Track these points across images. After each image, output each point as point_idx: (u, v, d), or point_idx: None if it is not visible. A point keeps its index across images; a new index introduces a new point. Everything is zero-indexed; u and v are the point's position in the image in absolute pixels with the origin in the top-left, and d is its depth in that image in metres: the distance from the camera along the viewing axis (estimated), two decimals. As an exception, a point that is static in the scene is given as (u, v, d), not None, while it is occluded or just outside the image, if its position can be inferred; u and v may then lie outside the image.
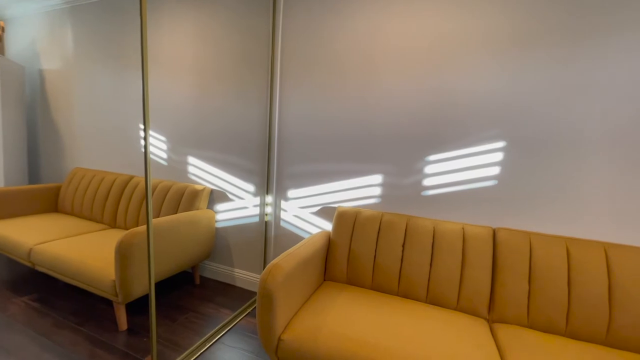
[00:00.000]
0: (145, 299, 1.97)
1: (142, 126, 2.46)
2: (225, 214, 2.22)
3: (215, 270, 2.29)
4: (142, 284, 1.63)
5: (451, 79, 1.58)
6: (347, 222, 1.69)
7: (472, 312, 1.42)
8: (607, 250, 1.30)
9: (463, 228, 1.52)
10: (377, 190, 1.79)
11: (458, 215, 1.62)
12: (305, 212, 1.99)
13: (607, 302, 1.24)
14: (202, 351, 1.54)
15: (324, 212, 1.93)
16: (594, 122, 1.37)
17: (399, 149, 1.71)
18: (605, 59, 1.33)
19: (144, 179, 2.35)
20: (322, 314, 1.30)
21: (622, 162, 1.34)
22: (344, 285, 1.60)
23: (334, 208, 1.90)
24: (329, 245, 1.71)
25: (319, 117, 1.88)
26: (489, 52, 1.50)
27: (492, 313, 1.40)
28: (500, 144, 1.53)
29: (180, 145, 2.31)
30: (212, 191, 2.25)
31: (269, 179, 2.05)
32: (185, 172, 2.32)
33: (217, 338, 1.65)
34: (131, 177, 2.41)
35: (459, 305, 1.44)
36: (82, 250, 1.81)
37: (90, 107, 2.73)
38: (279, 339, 1.20)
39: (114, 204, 2.37)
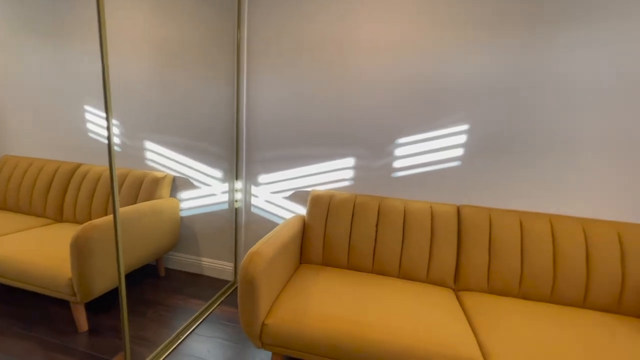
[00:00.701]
0: (104, 297, 1.83)
1: (88, 107, 2.20)
2: (191, 202, 2.11)
3: (182, 260, 2.18)
4: (104, 281, 1.51)
5: (419, 64, 1.63)
6: (322, 205, 1.71)
7: (440, 284, 1.55)
8: (552, 221, 1.48)
9: (431, 207, 1.62)
10: (350, 173, 1.82)
11: (426, 195, 1.72)
12: (277, 197, 1.96)
13: (552, 267, 1.43)
14: (176, 344, 1.49)
15: (297, 196, 1.92)
16: (549, 108, 1.52)
17: (371, 133, 1.75)
18: (564, 49, 1.47)
19: (94, 167, 2.12)
20: (303, 296, 1.31)
21: (567, 145, 1.52)
22: (320, 267, 1.63)
23: (307, 192, 1.90)
24: (304, 229, 1.72)
25: (290, 100, 1.84)
26: (456, 39, 1.57)
27: (458, 283, 1.54)
28: (464, 127, 1.63)
29: (136, 130, 2.11)
30: (174, 178, 2.11)
31: (237, 164, 1.98)
32: (143, 158, 2.14)
33: (191, 329, 1.60)
34: (78, 165, 2.17)
35: (429, 278, 1.55)
36: (27, 248, 1.61)
37: (23, 87, 2.36)
38: (263, 324, 1.20)
39: (58, 195, 2.12)
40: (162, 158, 2.10)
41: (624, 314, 1.37)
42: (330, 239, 1.66)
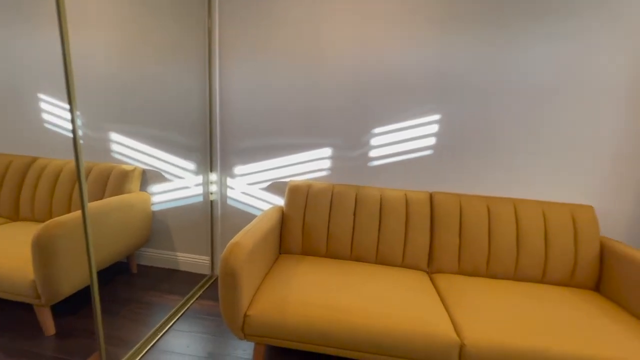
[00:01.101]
0: (72, 298, 1.73)
1: (42, 96, 2.03)
2: (163, 196, 2.03)
3: (155, 256, 2.11)
4: (71, 281, 1.43)
5: (391, 56, 1.66)
6: (300, 195, 1.71)
7: (415, 267, 1.62)
8: (515, 205, 1.59)
9: (405, 194, 1.68)
10: (327, 163, 1.83)
11: (401, 183, 1.78)
12: (254, 189, 1.94)
13: (515, 247, 1.54)
14: (154, 341, 1.45)
15: (274, 187, 1.91)
16: (512, 100, 1.61)
17: (346, 123, 1.77)
18: (525, 45, 1.55)
19: (54, 161, 1.97)
20: (283, 285, 1.33)
21: (529, 134, 1.63)
22: (300, 257, 1.65)
23: (285, 183, 1.89)
24: (283, 219, 1.72)
25: (265, 90, 1.80)
26: (426, 33, 1.61)
27: (431, 266, 1.62)
28: (436, 117, 1.69)
29: (99, 120, 1.98)
30: (144, 171, 2.01)
31: (212, 156, 1.92)
32: (108, 151, 2.02)
33: (169, 326, 1.57)
34: (34, 159, 2.00)
35: (404, 263, 1.62)
36: (-21, 250, 1.48)
37: (-43, 71, 2.12)
38: (245, 316, 1.20)
39: (12, 192, 1.95)
40: (130, 150, 2.00)
41: (575, 286, 1.52)
42: (309, 228, 1.68)
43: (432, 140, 1.72)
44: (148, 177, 2.02)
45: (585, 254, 1.50)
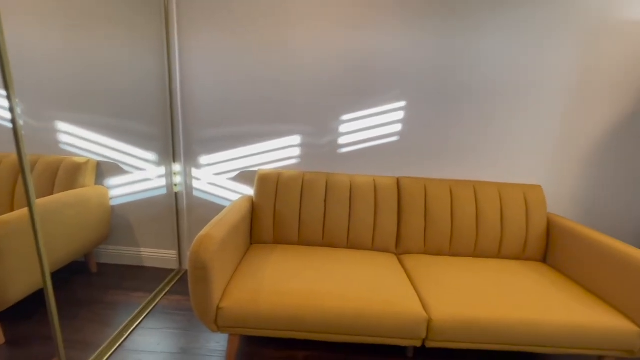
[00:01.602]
0: (23, 303, 1.59)
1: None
2: (122, 189, 1.90)
3: (117, 253, 1.99)
4: (19, 286, 1.31)
5: (360, 43, 1.66)
6: (270, 184, 1.69)
7: (384, 250, 1.68)
8: (475, 187, 1.69)
9: (374, 180, 1.72)
10: (297, 151, 1.82)
11: (370, 169, 1.82)
12: (221, 179, 1.88)
13: (475, 226, 1.65)
14: (120, 342, 1.39)
15: (243, 177, 1.87)
16: (472, 88, 1.69)
17: (314, 110, 1.75)
18: (485, 33, 1.62)
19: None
20: (256, 275, 1.32)
21: (489, 120, 1.72)
22: (272, 246, 1.64)
23: (254, 172, 1.85)
24: (253, 209, 1.69)
25: (229, 75, 1.73)
26: (396, 19, 1.62)
27: (399, 247, 1.69)
28: (401, 104, 1.73)
29: (42, 108, 1.79)
30: (99, 164, 1.87)
31: (174, 145, 1.83)
32: (55, 142, 1.84)
33: (136, 324, 1.50)
34: (-35, 153, 1.77)
35: (374, 246, 1.68)
36: None
37: None
38: (218, 308, 1.18)
39: (-60, 190, 1.72)
40: (81, 141, 1.83)
41: (526, 259, 1.66)
42: (281, 217, 1.67)
43: (398, 127, 1.76)
44: (104, 169, 1.87)
45: (534, 230, 1.64)
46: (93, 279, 1.84)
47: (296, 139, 1.80)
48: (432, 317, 1.18)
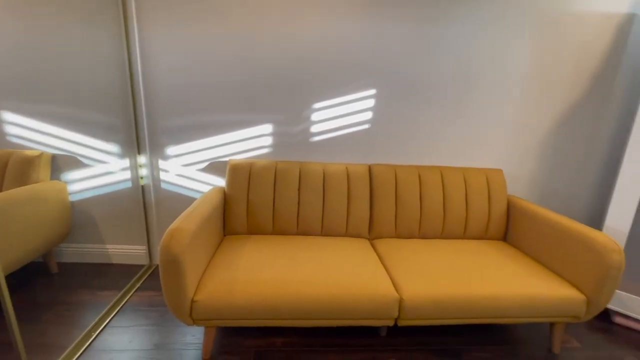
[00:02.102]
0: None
1: None
2: (83, 184, 1.79)
3: (80, 251, 1.89)
4: (-28, 290, 1.21)
5: (329, 32, 1.64)
6: (242, 174, 1.66)
7: (358, 235, 1.72)
8: (442, 172, 1.77)
9: (347, 168, 1.74)
10: (269, 140, 1.79)
11: (342, 157, 1.84)
12: (190, 170, 1.82)
13: (442, 209, 1.73)
14: (89, 342, 1.33)
15: (213, 167, 1.82)
16: (439, 76, 1.73)
17: (286, 98, 1.73)
18: (453, 22, 1.66)
19: None
20: (230, 266, 1.31)
21: (455, 107, 1.79)
22: (246, 236, 1.63)
23: (225, 162, 1.81)
24: (225, 200, 1.66)
25: (196, 62, 1.66)
26: (365, 9, 1.62)
27: (372, 232, 1.74)
28: (372, 92, 1.75)
29: (-17, 97, 1.62)
30: (54, 157, 1.74)
31: (138, 136, 1.74)
32: (1, 134, 1.68)
33: (105, 323, 1.45)
34: None
35: (347, 232, 1.71)
36: None
37: None
38: (192, 301, 1.16)
39: None
40: (32, 133, 1.69)
41: (489, 238, 1.78)
42: (254, 207, 1.65)
43: (369, 115, 1.78)
44: (60, 163, 1.75)
45: (496, 211, 1.75)
46: (54, 279, 1.74)
47: (268, 128, 1.77)
48: (404, 297, 1.23)
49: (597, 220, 2.00)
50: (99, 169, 1.77)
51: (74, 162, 1.75)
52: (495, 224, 1.76)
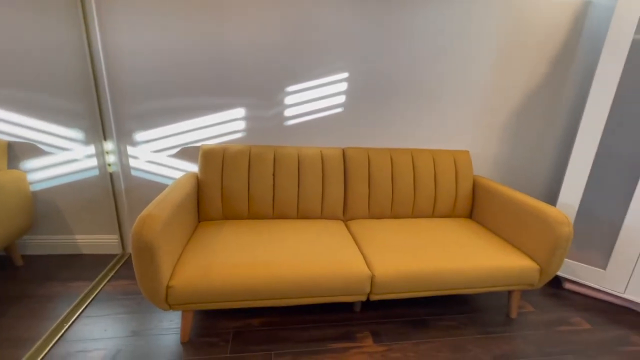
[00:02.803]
0: None
1: None
2: (45, 172, 1.70)
3: (47, 243, 1.82)
4: None
5: (301, 14, 1.62)
6: (215, 160, 1.65)
7: (333, 217, 1.77)
8: (412, 154, 1.83)
9: (321, 151, 1.76)
10: (242, 125, 1.77)
11: (317, 141, 1.85)
12: (161, 157, 1.78)
13: (413, 190, 1.80)
14: (61, 333, 1.31)
15: (186, 153, 1.78)
16: (406, 59, 1.76)
17: (259, 81, 1.71)
18: (415, 10, 1.68)
19: None
20: (206, 251, 1.32)
21: (424, 91, 1.83)
22: (221, 222, 1.63)
23: (197, 148, 1.78)
24: (199, 186, 1.64)
25: (163, 43, 1.59)
26: (332, -15, 1.60)
27: (346, 214, 1.79)
28: (344, 75, 1.76)
29: None
30: (9, 144, 1.64)
31: (103, 122, 1.66)
32: (-52, 120, 1.56)
33: (77, 314, 1.42)
34: None
35: (323, 214, 1.75)
36: None
37: None
38: (168, 287, 1.17)
39: None
40: (-18, 119, 1.58)
41: (456, 216, 1.88)
42: (229, 192, 1.65)
43: (342, 98, 1.80)
44: (18, 151, 1.65)
45: (462, 190, 1.85)
46: (20, 272, 1.67)
47: (240, 112, 1.75)
48: (375, 273, 1.30)
49: (554, 196, 2.16)
50: (62, 156, 1.69)
51: (33, 149, 1.66)
52: (461, 203, 1.86)
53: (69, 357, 1.21)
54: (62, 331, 1.32)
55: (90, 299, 1.52)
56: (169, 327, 1.37)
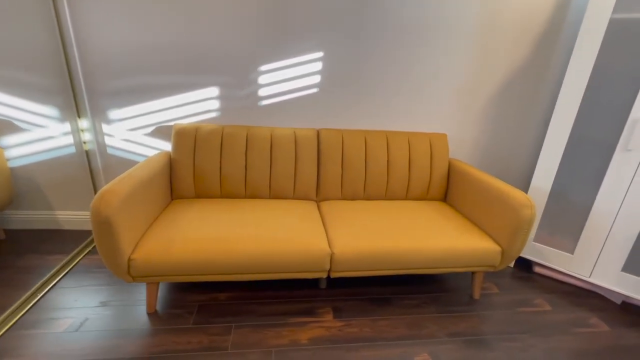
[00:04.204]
0: None
1: None
2: (22, 149, 1.73)
3: (28, 218, 1.87)
4: None
5: (273, -16, 1.58)
6: (188, 138, 1.66)
7: (305, 198, 1.79)
8: (387, 136, 1.82)
9: (294, 132, 1.76)
10: (216, 104, 1.77)
11: (290, 121, 1.85)
12: (137, 135, 1.79)
13: (386, 172, 1.80)
14: (33, 302, 1.37)
15: (161, 132, 1.80)
16: (381, 39, 1.73)
17: (231, 59, 1.69)
18: (389, -20, 1.63)
19: None
20: (171, 227, 1.35)
21: (398, 72, 1.80)
22: (194, 200, 1.66)
23: (172, 127, 1.79)
24: (172, 164, 1.66)
25: (133, 19, 1.57)
26: (304, -41, 1.55)
27: (319, 195, 1.80)
28: (319, 54, 1.73)
29: None
30: (-14, 121, 1.66)
31: (76, 99, 1.67)
32: None
33: (53, 284, 1.48)
34: None
35: (295, 195, 1.77)
36: None
37: None
38: (130, 259, 1.21)
39: None
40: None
41: (430, 199, 1.89)
42: (201, 171, 1.67)
43: (317, 78, 1.78)
44: (-6, 127, 1.67)
45: (437, 174, 1.85)
46: (1, 245, 1.73)
47: (214, 91, 1.74)
48: (335, 251, 1.33)
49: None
50: (38, 133, 1.71)
51: (9, 126, 1.68)
52: (435, 186, 1.86)
53: (39, 323, 1.27)
54: (36, 300, 1.38)
55: (66, 271, 1.58)
56: (138, 299, 1.43)
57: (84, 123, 1.72)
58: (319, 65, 1.75)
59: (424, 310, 1.47)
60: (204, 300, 1.44)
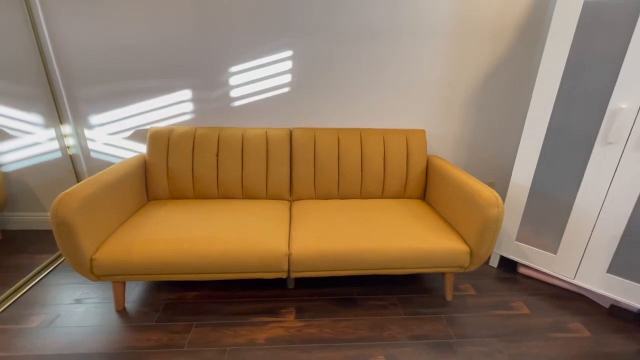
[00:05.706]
0: None
1: None
2: (14, 154, 1.84)
3: (24, 220, 1.99)
4: None
5: (237, -15, 1.59)
6: (161, 141, 1.70)
7: (278, 197, 1.79)
8: (361, 134, 1.78)
9: (266, 132, 1.76)
10: (190, 106, 1.80)
11: (263, 122, 1.85)
12: (117, 139, 1.86)
13: (360, 170, 1.77)
14: (14, 299, 1.46)
15: (139, 135, 1.85)
16: (354, 36, 1.69)
17: (203, 62, 1.71)
18: (355, -26, 1.59)
19: None
20: (138, 228, 1.39)
21: (372, 69, 1.76)
22: (167, 201, 1.70)
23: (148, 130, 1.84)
24: (146, 166, 1.71)
25: (108, 26, 1.62)
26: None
27: (292, 194, 1.80)
28: (289, 53, 1.72)
29: None
30: (-20, 129, 1.78)
31: (58, 106, 1.76)
32: None
33: (36, 281, 1.57)
34: None
35: (268, 195, 1.78)
36: None
37: None
38: (92, 259, 1.25)
39: None
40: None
41: (407, 197, 1.83)
42: (174, 173, 1.70)
43: (288, 77, 1.77)
44: (-13, 135, 1.79)
45: (414, 171, 1.79)
46: (-3, 245, 1.85)
47: (187, 94, 1.78)
48: (292, 252, 1.32)
49: (523, 177, 2.03)
50: (26, 140, 1.81)
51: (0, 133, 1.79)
52: (413, 184, 1.81)
53: (15, 319, 1.35)
54: (17, 297, 1.47)
55: (49, 270, 1.66)
56: (110, 297, 1.48)
57: (66, 129, 1.81)
58: (289, 65, 1.74)
59: (390, 312, 1.43)
60: (172, 298, 1.48)
